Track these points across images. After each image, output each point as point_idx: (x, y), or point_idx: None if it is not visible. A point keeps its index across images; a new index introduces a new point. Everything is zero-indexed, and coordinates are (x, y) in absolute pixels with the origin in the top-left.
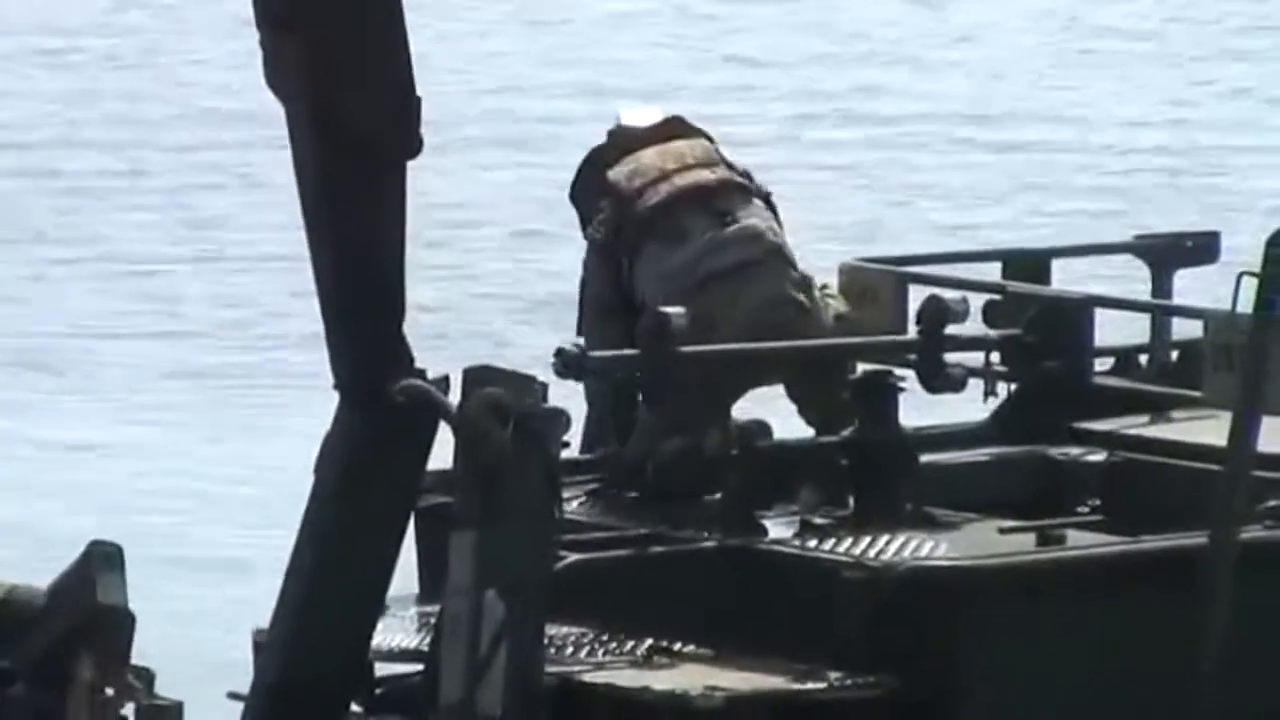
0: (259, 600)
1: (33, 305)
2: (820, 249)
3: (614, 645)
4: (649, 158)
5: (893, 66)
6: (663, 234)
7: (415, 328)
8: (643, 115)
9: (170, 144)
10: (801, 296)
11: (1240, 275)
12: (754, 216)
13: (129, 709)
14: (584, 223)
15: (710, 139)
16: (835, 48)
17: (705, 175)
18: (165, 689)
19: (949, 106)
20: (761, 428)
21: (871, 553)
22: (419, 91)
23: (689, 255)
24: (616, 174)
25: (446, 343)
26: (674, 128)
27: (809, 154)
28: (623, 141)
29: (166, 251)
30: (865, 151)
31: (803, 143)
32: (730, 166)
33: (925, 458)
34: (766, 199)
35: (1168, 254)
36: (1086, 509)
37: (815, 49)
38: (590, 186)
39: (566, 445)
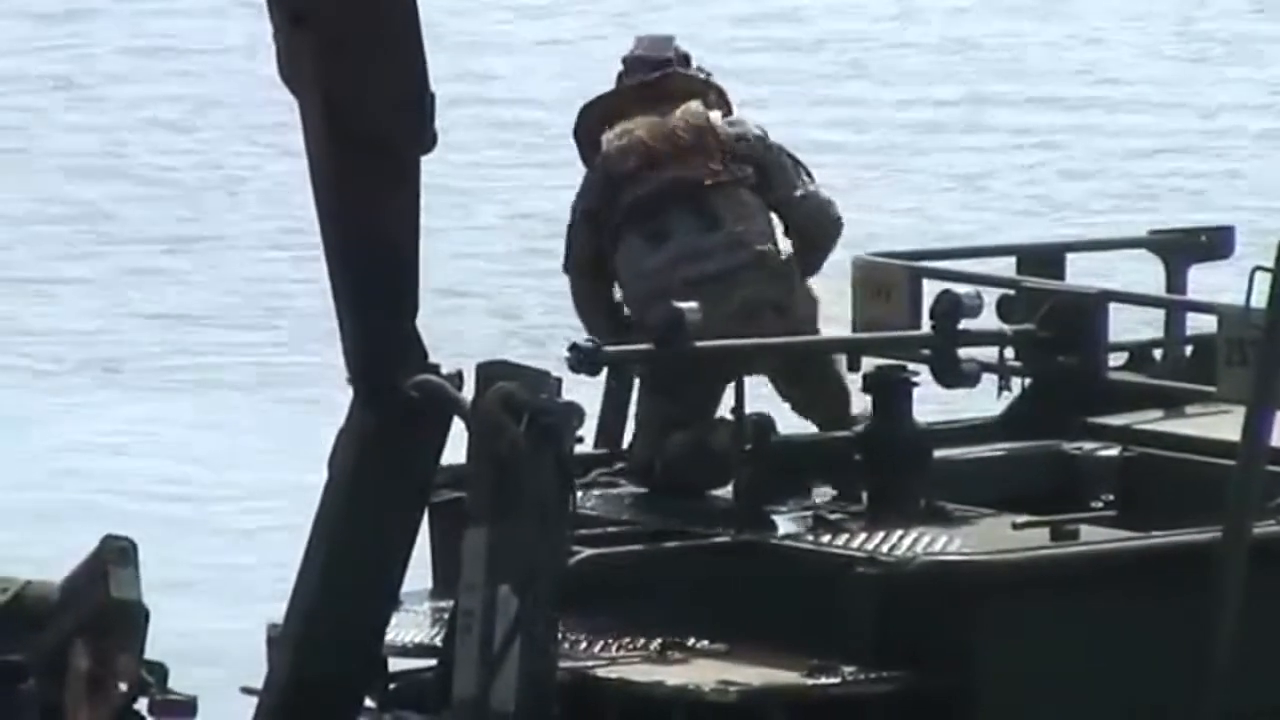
0: None
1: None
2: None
3: (627, 640)
4: (642, 132)
5: (1003, 73)
6: (645, 230)
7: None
8: (657, 45)
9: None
10: (780, 295)
11: (1254, 270)
12: (741, 221)
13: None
14: (585, 161)
15: (721, 91)
16: (946, 52)
17: (695, 170)
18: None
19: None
20: (769, 423)
21: (885, 548)
22: (490, 94)
23: (667, 258)
24: (609, 143)
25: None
26: (676, 82)
27: (922, 160)
28: (625, 91)
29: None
30: (980, 157)
31: (916, 149)
32: (726, 152)
33: (939, 453)
34: (760, 172)
35: (1182, 249)
36: (1100, 504)
37: (926, 54)
38: (588, 136)
39: (580, 440)
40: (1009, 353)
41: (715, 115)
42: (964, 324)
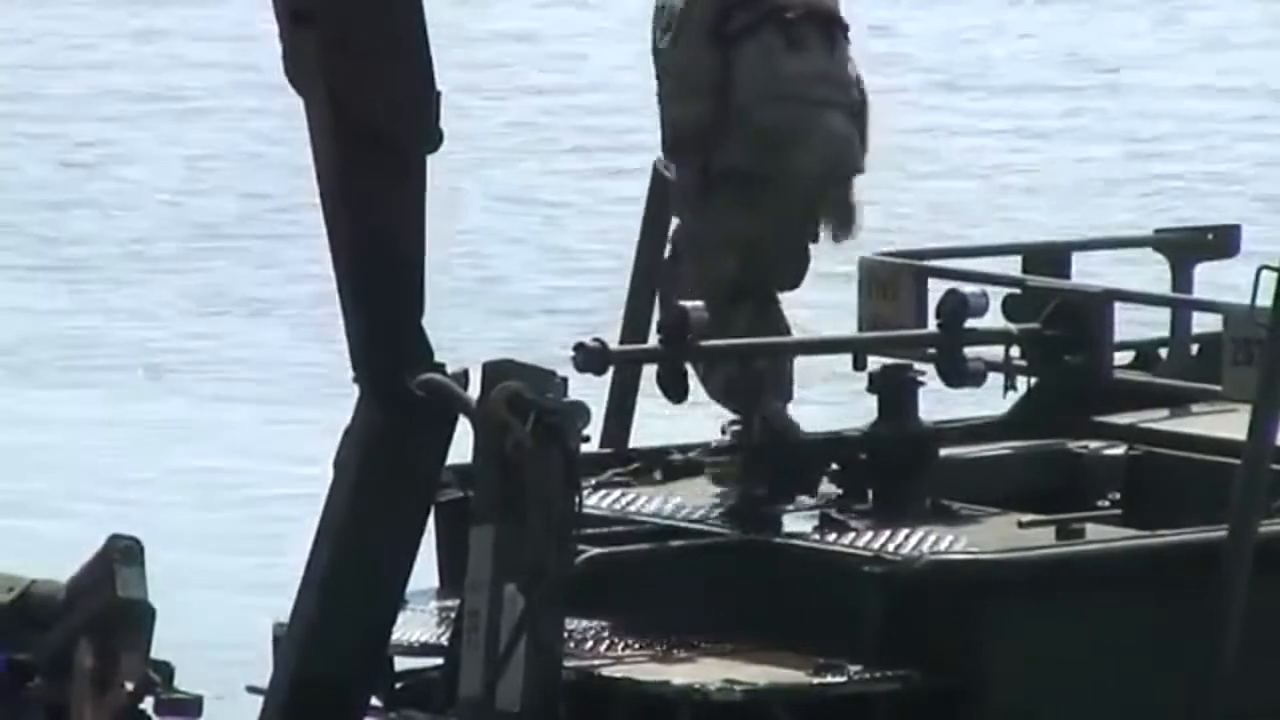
0: None
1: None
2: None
3: (633, 639)
4: None
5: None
6: (786, 35)
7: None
8: None
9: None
10: (858, 165)
11: (1260, 269)
12: (853, 66)
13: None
14: None
15: None
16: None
17: (835, 9)
18: None
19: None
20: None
21: (891, 547)
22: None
23: (805, 69)
24: None
25: None
26: None
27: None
28: None
29: None
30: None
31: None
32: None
33: (944, 452)
34: None
35: (1187, 248)
36: (1106, 503)
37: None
38: None
39: (586, 439)
40: (1014, 352)
41: None
42: (969, 323)
